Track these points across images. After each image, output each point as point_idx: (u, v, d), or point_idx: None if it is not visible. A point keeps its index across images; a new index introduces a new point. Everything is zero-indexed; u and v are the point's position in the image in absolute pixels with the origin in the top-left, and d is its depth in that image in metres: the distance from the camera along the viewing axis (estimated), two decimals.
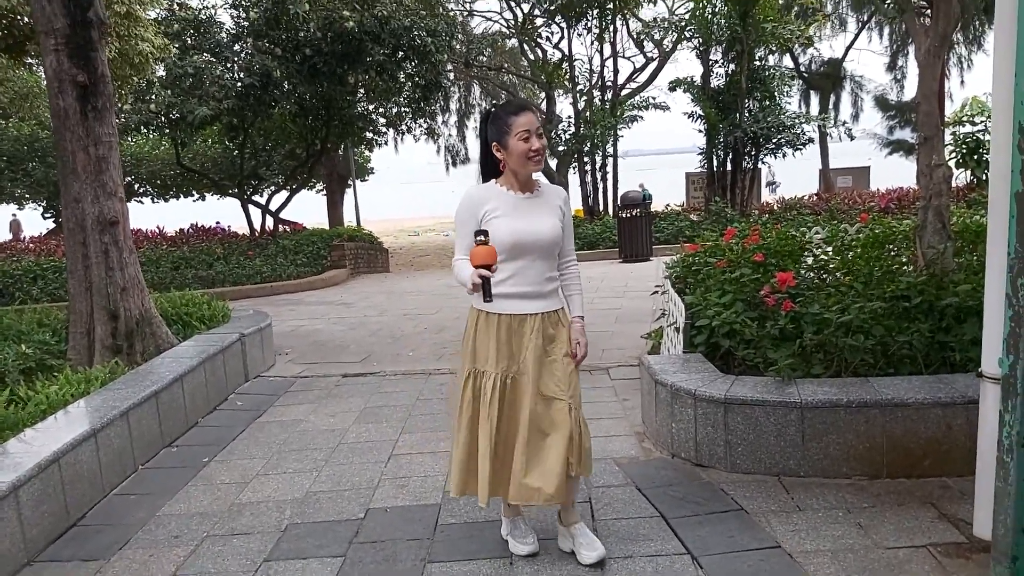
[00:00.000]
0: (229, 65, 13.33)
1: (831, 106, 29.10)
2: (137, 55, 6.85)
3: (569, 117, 19.83)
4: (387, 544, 3.32)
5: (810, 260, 5.50)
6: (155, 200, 20.51)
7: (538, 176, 3.08)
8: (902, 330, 4.04)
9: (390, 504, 3.73)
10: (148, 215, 20.66)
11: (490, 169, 2.96)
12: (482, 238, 2.71)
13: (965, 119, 14.63)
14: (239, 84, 13.03)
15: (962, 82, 27.77)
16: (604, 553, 2.97)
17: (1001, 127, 2.53)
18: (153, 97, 12.17)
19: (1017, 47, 2.33)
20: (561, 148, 19.41)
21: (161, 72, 12.75)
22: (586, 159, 19.52)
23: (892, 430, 3.55)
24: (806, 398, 3.62)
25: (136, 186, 19.70)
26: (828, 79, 28.54)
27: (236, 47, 13.55)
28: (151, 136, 17.31)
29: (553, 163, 19.54)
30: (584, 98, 19.90)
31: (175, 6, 13.52)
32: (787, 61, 25.39)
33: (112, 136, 5.65)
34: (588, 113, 19.16)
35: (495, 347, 2.87)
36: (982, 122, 13.95)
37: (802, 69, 27.58)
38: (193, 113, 12.24)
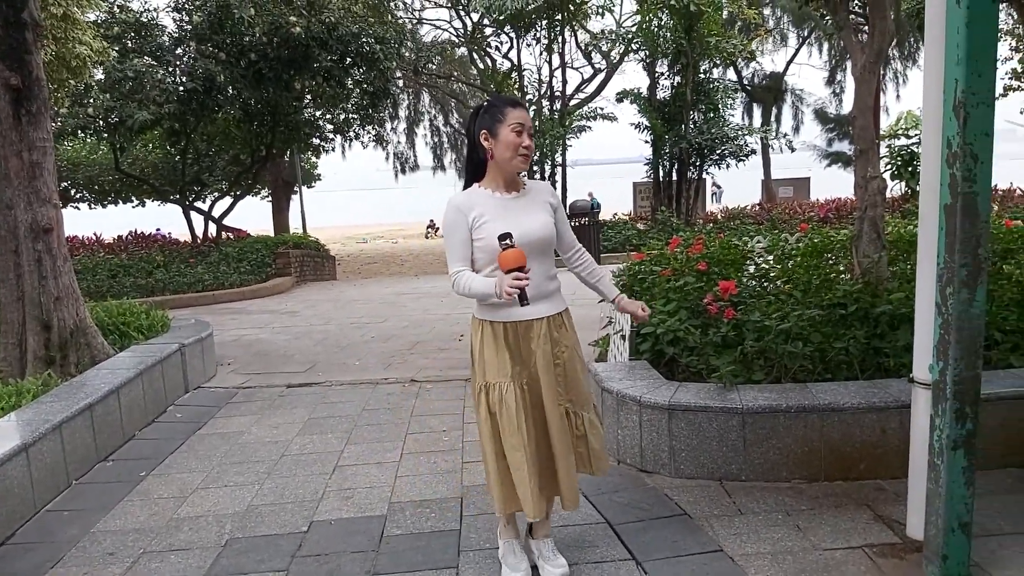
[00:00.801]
0: (171, 69, 13.04)
1: (773, 118, 29.90)
2: (74, 58, 6.64)
3: None
4: (331, 557, 3.27)
5: (752, 269, 5.62)
6: (92, 206, 19.91)
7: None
8: (839, 337, 4.15)
9: (334, 516, 3.68)
10: (85, 221, 20.04)
11: (475, 170, 2.83)
12: (508, 242, 2.57)
13: (900, 132, 15.13)
14: (181, 88, 12.76)
15: (898, 96, 28.88)
16: (568, 572, 2.93)
17: (931, 141, 2.63)
18: (91, 101, 11.82)
19: (946, 64, 2.42)
20: None
21: (100, 75, 12.42)
22: (535, 168, 19.61)
23: (829, 434, 3.64)
24: (747, 404, 3.69)
25: (73, 192, 19.11)
26: (770, 92, 29.32)
27: (179, 51, 13.27)
28: (89, 140, 16.82)
29: None
30: (533, 108, 20.01)
31: (116, 8, 13.19)
32: (731, 74, 25.96)
33: (47, 141, 5.47)
34: (537, 123, 19.27)
35: (507, 356, 2.75)
36: (916, 135, 14.44)
37: (745, 82, 28.26)
38: (133, 117, 11.95)
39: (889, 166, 14.66)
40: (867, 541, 3.10)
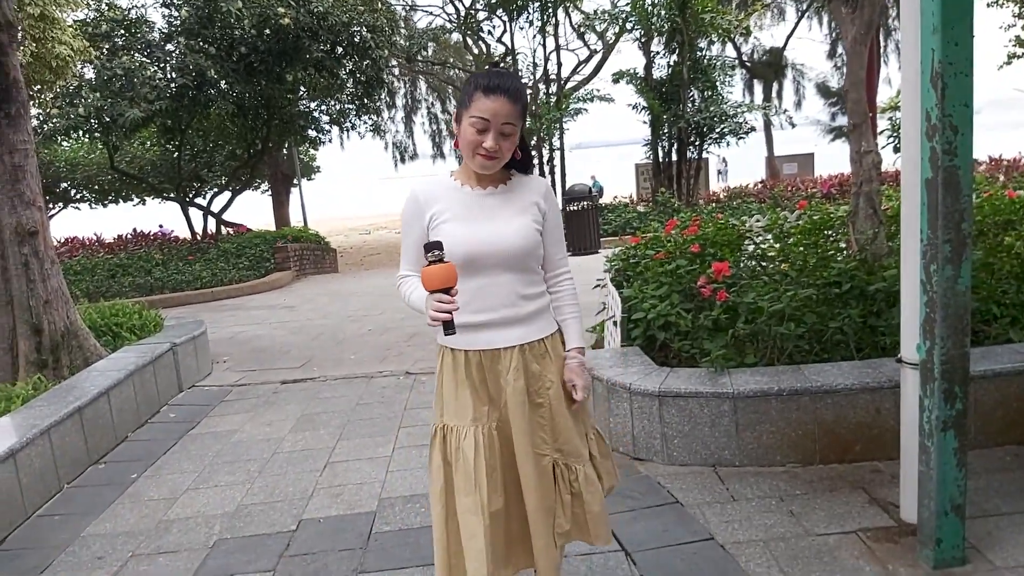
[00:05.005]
0: (162, 65, 12.96)
1: (774, 94, 29.61)
2: (54, 58, 6.58)
3: None
4: (318, 556, 3.23)
5: (751, 249, 5.53)
6: (93, 206, 19.88)
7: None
8: (834, 316, 4.08)
9: (323, 514, 3.64)
10: (86, 222, 20.04)
11: None
12: (437, 252, 2.01)
13: (901, 105, 14.91)
14: (172, 85, 12.67)
15: (900, 67, 28.45)
16: None
17: (910, 115, 2.55)
18: (82, 100, 11.75)
19: (921, 34, 2.34)
20: None
21: (91, 74, 12.35)
22: (533, 153, 19.51)
23: (823, 416, 3.58)
24: (738, 388, 3.62)
25: (72, 192, 19.10)
26: (770, 68, 29.01)
27: (168, 47, 13.17)
28: (84, 140, 16.77)
29: None
30: (529, 91, 19.86)
31: (103, 6, 13.09)
32: (730, 51, 25.70)
33: (28, 143, 5.41)
34: (533, 107, 19.12)
35: (468, 394, 2.21)
36: None
37: (744, 59, 27.96)
38: (124, 116, 11.86)
39: (891, 139, 14.47)
40: (861, 525, 3.05)
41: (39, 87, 7.08)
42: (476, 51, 21.56)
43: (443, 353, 2.27)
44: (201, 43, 12.61)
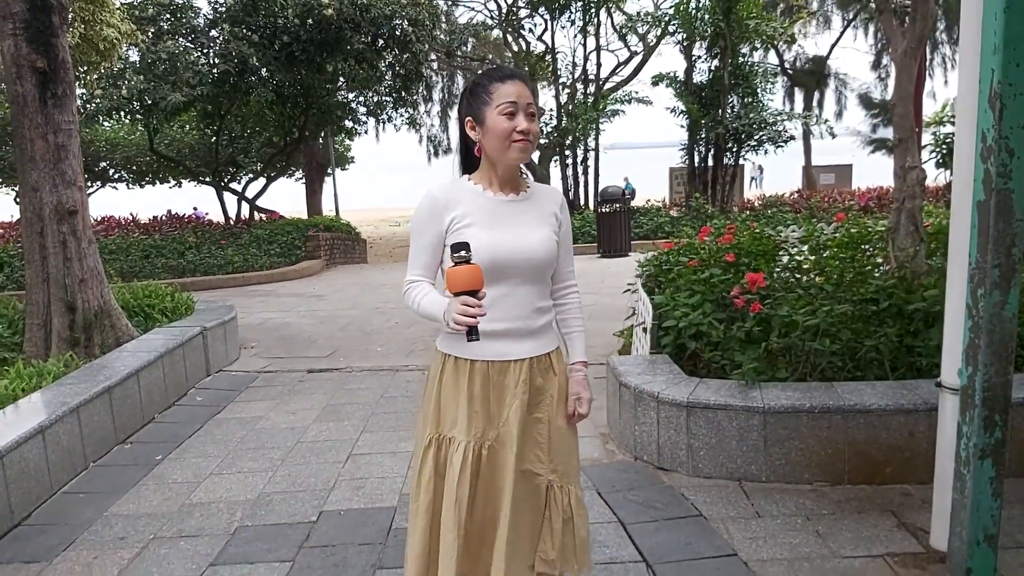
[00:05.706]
0: (205, 51, 13.12)
1: (815, 103, 29.16)
2: (102, 40, 6.67)
3: (551, 110, 19.76)
4: (338, 549, 3.24)
5: (785, 260, 5.44)
6: (130, 186, 20.19)
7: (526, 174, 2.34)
8: (870, 334, 4.00)
9: (344, 507, 3.65)
10: (123, 201, 20.35)
11: (470, 161, 2.24)
12: (463, 253, 1.95)
13: (946, 119, 14.63)
14: (214, 71, 12.82)
15: (946, 82, 27.91)
16: None
17: (964, 134, 2.47)
18: (126, 82, 11.92)
19: (981, 52, 2.27)
20: (543, 141, 19.36)
21: (135, 57, 12.53)
22: (568, 153, 19.43)
23: (854, 436, 3.51)
24: (769, 403, 3.56)
25: (111, 172, 19.41)
26: (813, 76, 28.56)
27: (212, 33, 13.32)
28: (125, 121, 17.03)
29: (535, 156, 19.43)
30: (567, 91, 19.80)
31: None
32: (772, 58, 25.37)
33: (72, 124, 5.50)
34: (570, 106, 19.06)
35: (467, 405, 2.13)
36: None
37: (787, 66, 27.59)
38: (166, 99, 12.02)
39: (934, 154, 14.20)
40: (889, 550, 2.98)
41: (85, 68, 7.19)
42: (515, 48, 21.52)
43: (444, 360, 2.19)
44: (245, 30, 12.72)
